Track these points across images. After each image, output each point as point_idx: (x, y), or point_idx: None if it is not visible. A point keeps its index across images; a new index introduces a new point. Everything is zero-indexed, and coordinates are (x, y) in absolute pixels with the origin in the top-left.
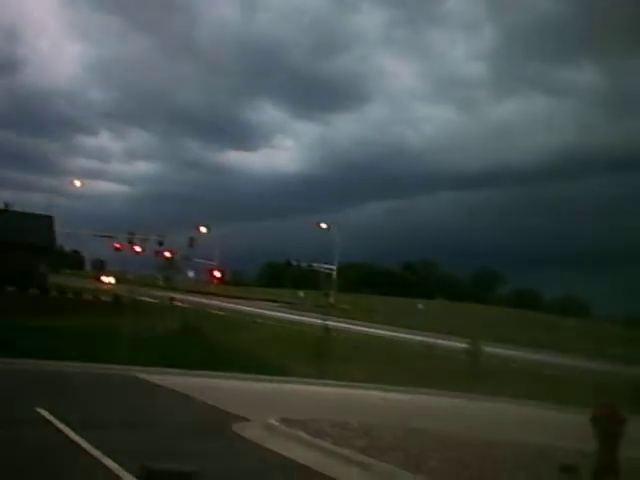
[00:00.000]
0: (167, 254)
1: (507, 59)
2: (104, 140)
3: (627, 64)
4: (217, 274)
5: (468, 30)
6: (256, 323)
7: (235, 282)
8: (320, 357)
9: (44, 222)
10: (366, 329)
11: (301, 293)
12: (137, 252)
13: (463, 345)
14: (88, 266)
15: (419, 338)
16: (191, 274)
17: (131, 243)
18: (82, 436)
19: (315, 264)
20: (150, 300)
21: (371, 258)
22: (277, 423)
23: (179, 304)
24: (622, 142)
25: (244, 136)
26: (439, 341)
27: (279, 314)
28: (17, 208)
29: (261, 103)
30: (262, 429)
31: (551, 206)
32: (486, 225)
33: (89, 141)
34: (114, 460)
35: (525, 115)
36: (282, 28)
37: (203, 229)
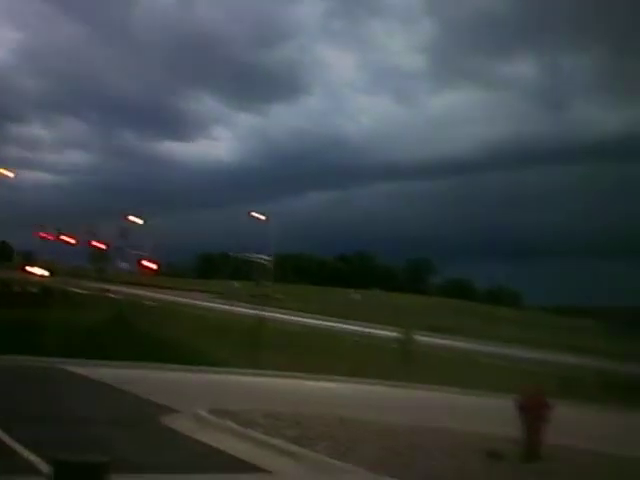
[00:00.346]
0: (100, 245)
1: (446, 52)
2: (36, 129)
3: (562, 57)
4: (151, 265)
5: (407, 22)
6: (190, 314)
7: (171, 273)
8: (253, 347)
9: None
10: (301, 319)
11: (236, 284)
12: (69, 243)
13: (396, 334)
14: (18, 258)
15: (353, 328)
16: (124, 265)
17: (62, 234)
18: (4, 430)
19: (251, 255)
20: (81, 291)
21: (308, 249)
22: (207, 414)
23: (111, 295)
24: (557, 134)
25: (181, 126)
26: (373, 331)
27: (214, 305)
28: None
29: (198, 93)
30: (192, 420)
31: (486, 198)
32: (423, 216)
33: (20, 130)
34: (36, 454)
35: (463, 107)
36: (220, 17)
37: (138, 220)
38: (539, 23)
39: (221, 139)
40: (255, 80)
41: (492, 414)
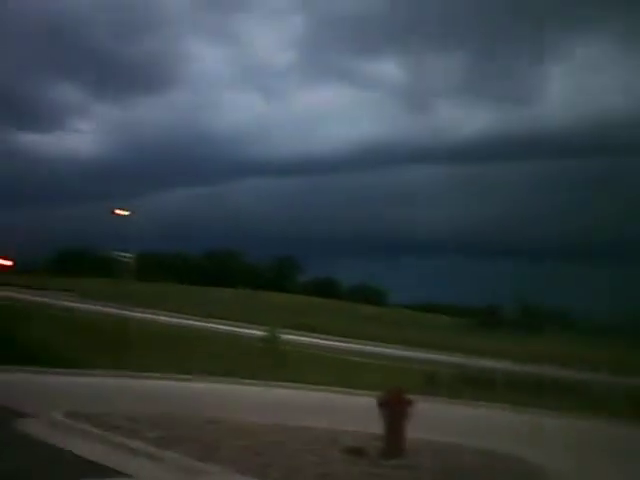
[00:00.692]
0: None
1: (315, 49)
2: None
3: (428, 59)
4: (6, 262)
5: (276, 18)
6: (46, 314)
7: (28, 271)
8: (113, 347)
9: None
10: (164, 318)
11: (96, 282)
12: None
13: (261, 333)
14: None
15: (217, 326)
16: None
17: None
18: None
19: (114, 252)
20: None
21: (175, 246)
22: (64, 418)
23: None
24: (423, 134)
25: (38, 117)
26: (237, 329)
27: (73, 304)
28: None
29: (57, 83)
30: (48, 425)
31: (354, 196)
32: (293, 214)
33: None
34: None
35: (332, 105)
36: (81, 4)
37: None
38: (407, 23)
39: (83, 132)
40: (119, 71)
41: (356, 411)
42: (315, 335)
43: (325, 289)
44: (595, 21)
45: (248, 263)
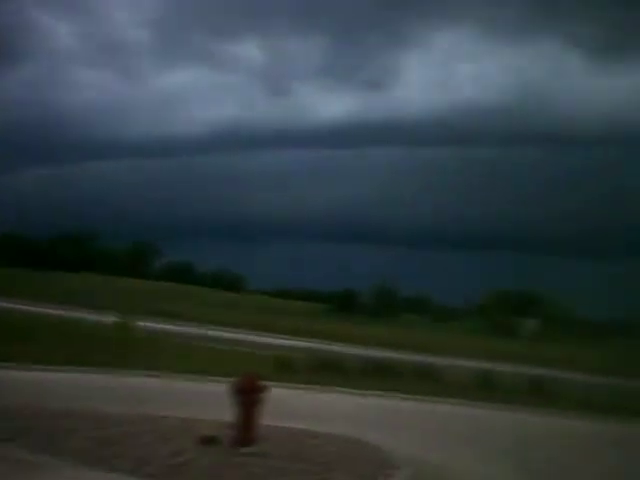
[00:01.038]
0: None
1: (171, 29)
2: None
3: (288, 42)
4: None
5: None
6: None
7: None
8: None
9: None
10: (7, 305)
11: None
12: None
13: (112, 319)
14: None
15: (69, 314)
16: None
17: None
18: None
19: None
20: None
21: (22, 229)
22: None
23: None
24: (281, 118)
25: None
26: (89, 316)
27: None
28: None
29: None
30: None
31: (212, 179)
32: (152, 197)
33: None
34: None
35: (192, 87)
36: None
37: None
38: (267, 5)
39: None
40: None
41: (211, 399)
42: (170, 321)
43: (184, 274)
44: (455, 9)
45: (103, 248)
